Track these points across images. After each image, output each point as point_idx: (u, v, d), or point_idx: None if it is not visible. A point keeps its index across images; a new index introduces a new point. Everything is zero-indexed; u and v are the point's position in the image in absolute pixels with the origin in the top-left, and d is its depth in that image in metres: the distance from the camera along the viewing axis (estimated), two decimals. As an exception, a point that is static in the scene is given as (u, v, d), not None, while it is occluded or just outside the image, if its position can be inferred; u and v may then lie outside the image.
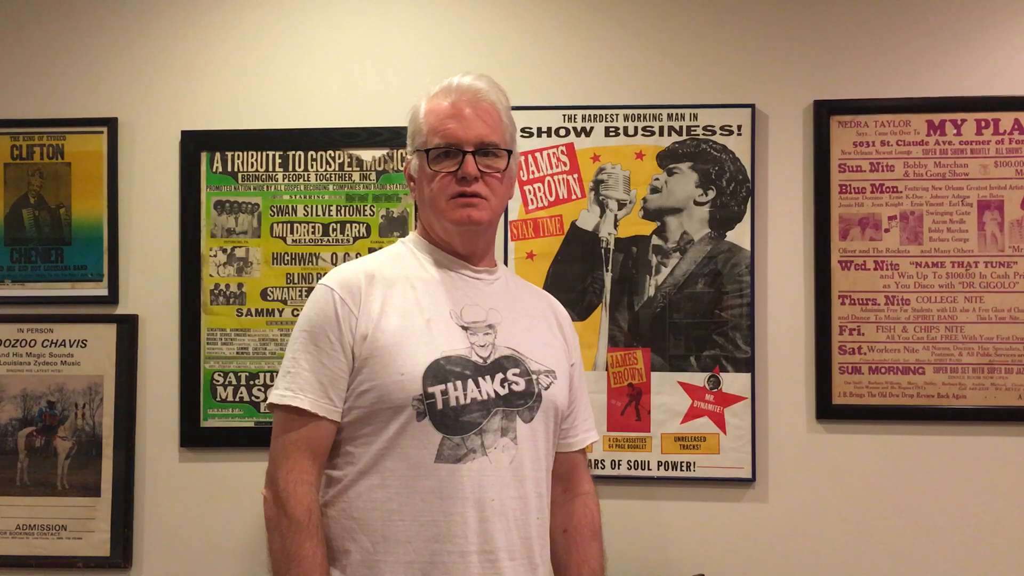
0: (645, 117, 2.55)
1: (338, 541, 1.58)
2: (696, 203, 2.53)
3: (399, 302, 1.60)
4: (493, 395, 1.57)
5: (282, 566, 1.53)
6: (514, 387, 1.60)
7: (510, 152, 1.67)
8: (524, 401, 1.61)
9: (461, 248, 1.68)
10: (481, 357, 1.59)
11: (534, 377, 1.63)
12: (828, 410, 2.49)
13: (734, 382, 2.50)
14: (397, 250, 1.72)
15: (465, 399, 1.55)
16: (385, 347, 1.56)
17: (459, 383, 1.55)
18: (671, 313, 2.52)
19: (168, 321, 2.61)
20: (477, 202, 1.61)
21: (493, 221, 1.69)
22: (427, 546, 1.53)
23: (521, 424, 1.60)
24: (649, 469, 2.51)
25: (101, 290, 2.61)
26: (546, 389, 1.64)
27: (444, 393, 1.54)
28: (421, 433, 1.54)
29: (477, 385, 1.57)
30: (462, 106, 1.63)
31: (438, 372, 1.55)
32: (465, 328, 1.61)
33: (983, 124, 2.49)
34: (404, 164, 1.73)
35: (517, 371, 1.61)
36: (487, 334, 1.62)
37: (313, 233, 2.60)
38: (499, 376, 1.59)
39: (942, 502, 2.47)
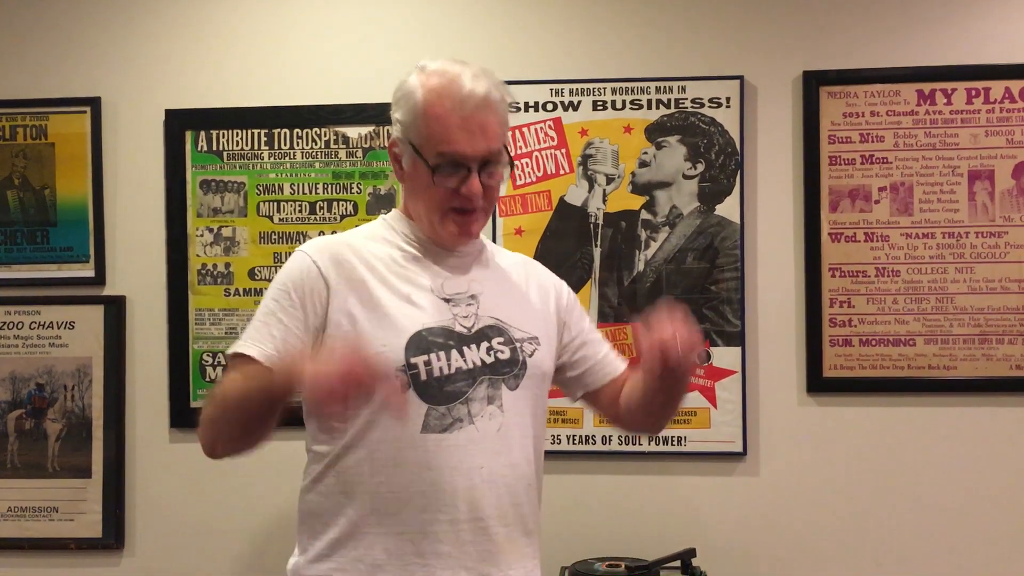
0: (633, 90, 2.53)
1: (328, 515, 1.58)
2: (685, 177, 2.51)
3: (379, 277, 1.59)
4: (479, 363, 1.57)
5: (228, 397, 1.51)
6: (500, 355, 1.59)
7: (510, 156, 1.64)
8: (510, 369, 1.60)
9: (447, 247, 1.65)
10: (465, 327, 1.58)
11: (518, 345, 1.62)
12: (819, 383, 2.49)
13: (724, 356, 2.49)
14: (377, 227, 1.70)
15: (449, 369, 1.54)
16: (366, 321, 1.54)
17: (442, 353, 1.54)
18: (661, 288, 2.51)
19: (156, 302, 2.60)
20: (474, 217, 1.59)
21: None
22: (417, 516, 1.53)
23: (507, 392, 1.59)
24: (640, 444, 2.50)
25: (88, 271, 2.60)
26: (530, 356, 1.64)
27: (427, 364, 1.53)
28: (406, 404, 1.53)
29: (462, 354, 1.56)
30: (470, 120, 1.54)
31: (420, 343, 1.54)
32: (447, 300, 1.60)
33: (973, 93, 2.47)
34: (390, 142, 1.68)
35: (501, 339, 1.61)
36: (470, 304, 1.61)
37: (300, 211, 2.58)
38: (484, 345, 1.59)
39: (934, 474, 2.47)
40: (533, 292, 1.75)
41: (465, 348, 1.57)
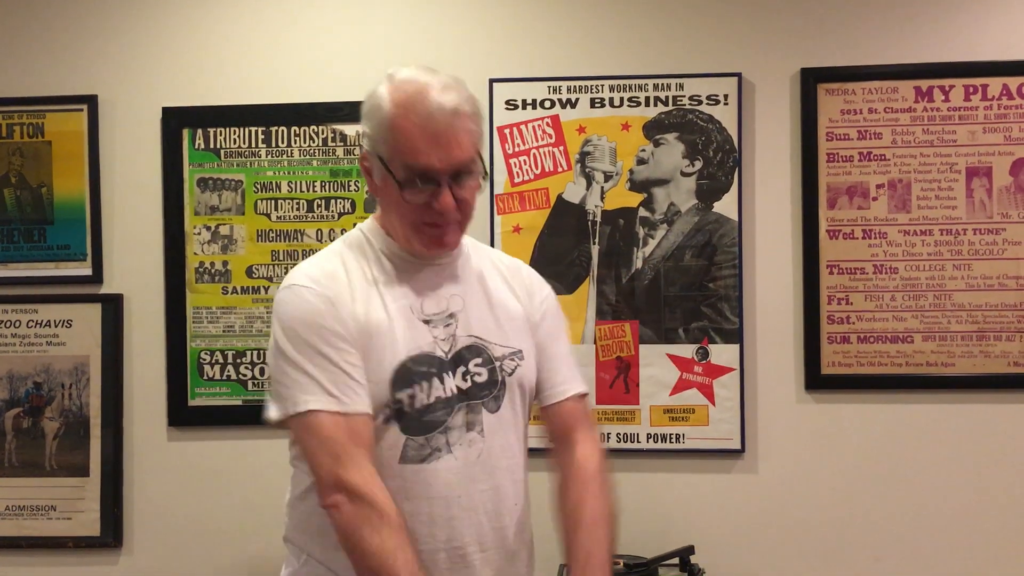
0: (631, 88, 2.52)
1: (307, 535, 1.57)
2: (683, 174, 2.51)
3: (361, 303, 1.53)
4: (455, 391, 1.54)
5: (387, 559, 1.41)
6: (476, 379, 1.56)
7: (481, 159, 1.56)
8: (488, 391, 1.57)
9: (425, 257, 1.60)
10: (443, 351, 1.55)
11: (497, 364, 1.58)
12: (817, 380, 2.49)
13: (723, 353, 2.49)
14: (355, 242, 1.63)
15: (429, 399, 1.52)
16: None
17: (425, 383, 1.51)
18: (659, 285, 2.51)
19: (153, 300, 2.59)
20: (449, 228, 1.54)
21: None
22: None
23: (487, 415, 1.56)
24: (638, 441, 2.50)
25: (85, 270, 2.60)
26: (510, 375, 1.60)
27: (411, 397, 1.51)
28: (386, 436, 1.51)
29: (442, 382, 1.53)
30: (438, 134, 1.48)
31: (405, 375, 1.51)
32: (427, 322, 1.56)
33: (971, 90, 2.47)
34: (360, 156, 1.61)
35: (479, 361, 1.57)
36: (448, 325, 1.57)
37: (298, 209, 2.58)
38: (460, 370, 1.55)
39: (932, 470, 2.48)
40: (513, 296, 1.67)
41: (444, 375, 1.53)
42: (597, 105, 2.53)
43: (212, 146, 2.58)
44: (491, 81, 2.53)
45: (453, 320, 1.57)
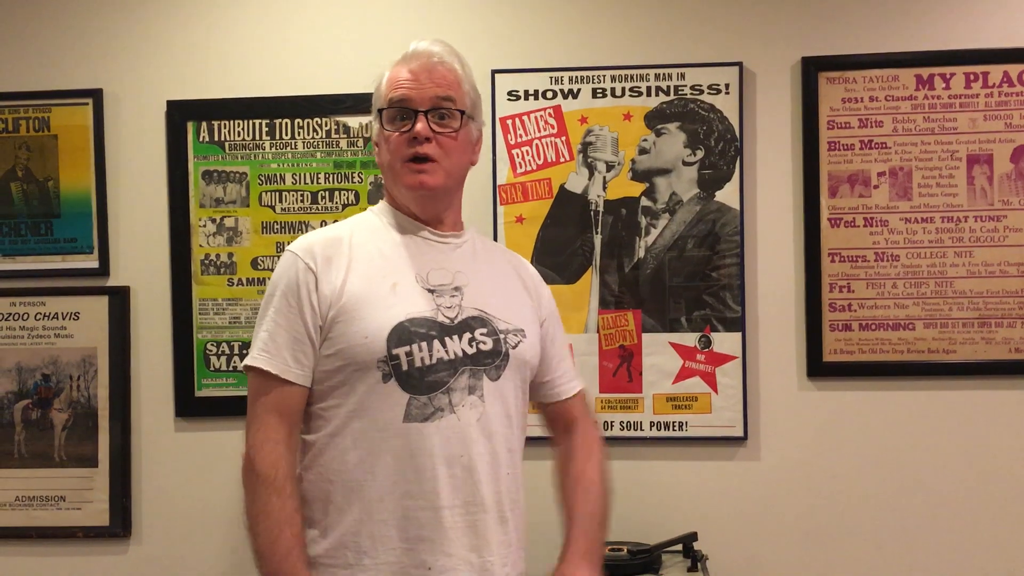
0: (632, 78, 2.53)
1: (317, 503, 1.62)
2: (685, 163, 2.52)
3: (364, 267, 1.63)
4: (461, 354, 1.61)
5: (252, 521, 1.58)
6: (482, 346, 1.63)
7: (463, 112, 1.67)
8: (491, 360, 1.64)
9: (420, 213, 1.70)
10: (448, 318, 1.62)
11: (502, 336, 1.66)
12: (819, 367, 2.50)
13: (725, 341, 2.50)
14: (365, 217, 1.75)
15: (431, 359, 1.58)
16: (350, 312, 1.59)
17: (424, 344, 1.58)
18: (662, 274, 2.52)
19: (160, 292, 2.61)
20: (429, 167, 1.63)
21: (449, 186, 1.68)
22: (399, 503, 1.57)
23: (488, 382, 1.63)
24: (641, 429, 2.52)
25: (92, 262, 2.62)
26: (514, 348, 1.67)
27: (409, 355, 1.57)
28: (388, 394, 1.57)
29: (444, 345, 1.59)
30: (418, 70, 1.65)
31: (402, 334, 1.57)
32: (431, 291, 1.63)
33: (972, 77, 2.47)
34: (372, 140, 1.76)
35: (484, 331, 1.64)
36: (453, 296, 1.64)
37: (302, 201, 2.59)
38: (467, 336, 1.62)
39: (933, 457, 2.49)
40: (520, 287, 1.79)
41: (447, 339, 1.60)
42: (599, 95, 2.54)
43: (216, 139, 2.60)
44: (493, 72, 2.54)
45: (459, 293, 1.65)
